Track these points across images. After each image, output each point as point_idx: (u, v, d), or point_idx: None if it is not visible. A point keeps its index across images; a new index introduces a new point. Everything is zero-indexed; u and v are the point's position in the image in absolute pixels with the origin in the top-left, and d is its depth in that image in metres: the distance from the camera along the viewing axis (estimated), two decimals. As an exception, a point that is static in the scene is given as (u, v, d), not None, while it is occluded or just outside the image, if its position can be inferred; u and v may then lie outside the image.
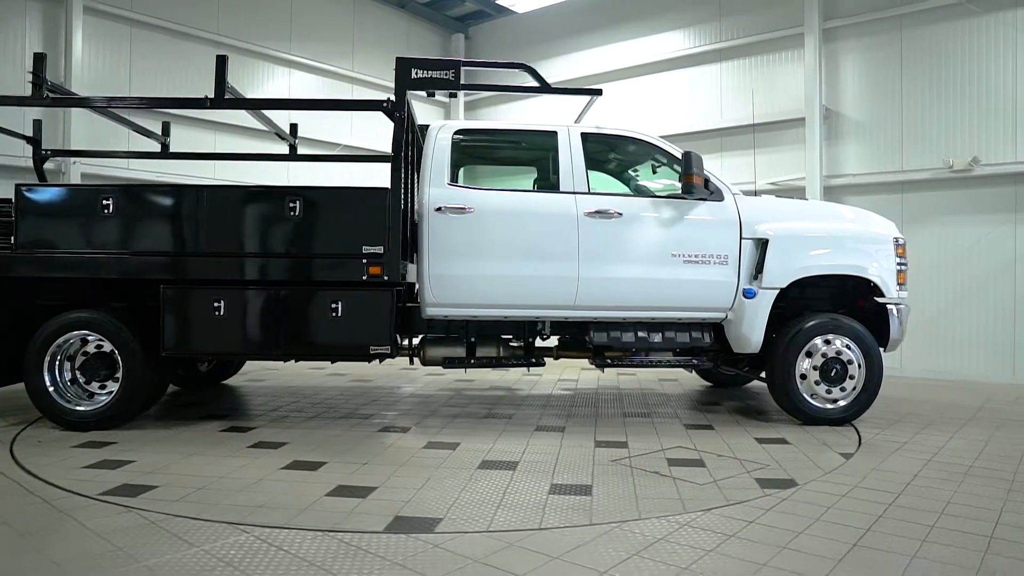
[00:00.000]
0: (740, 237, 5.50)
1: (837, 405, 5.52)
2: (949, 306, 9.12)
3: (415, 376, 8.15)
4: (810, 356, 5.48)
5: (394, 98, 5.29)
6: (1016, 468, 4.40)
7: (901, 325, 5.61)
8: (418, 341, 5.82)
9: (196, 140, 9.67)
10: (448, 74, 5.33)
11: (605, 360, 5.68)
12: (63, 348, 5.18)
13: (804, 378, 5.49)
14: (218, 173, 9.96)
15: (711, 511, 3.55)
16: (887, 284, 5.56)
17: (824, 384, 5.49)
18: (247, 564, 2.84)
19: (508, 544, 3.08)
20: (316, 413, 5.95)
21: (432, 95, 5.70)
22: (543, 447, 4.85)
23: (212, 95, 5.39)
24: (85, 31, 9.13)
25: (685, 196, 5.45)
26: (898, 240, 5.70)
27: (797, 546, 3.08)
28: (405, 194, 5.52)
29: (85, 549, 2.99)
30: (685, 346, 5.67)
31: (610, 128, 5.86)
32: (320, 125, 11.13)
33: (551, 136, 5.73)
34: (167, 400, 6.36)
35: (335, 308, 5.14)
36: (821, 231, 5.64)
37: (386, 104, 5.29)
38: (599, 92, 5.88)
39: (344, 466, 4.33)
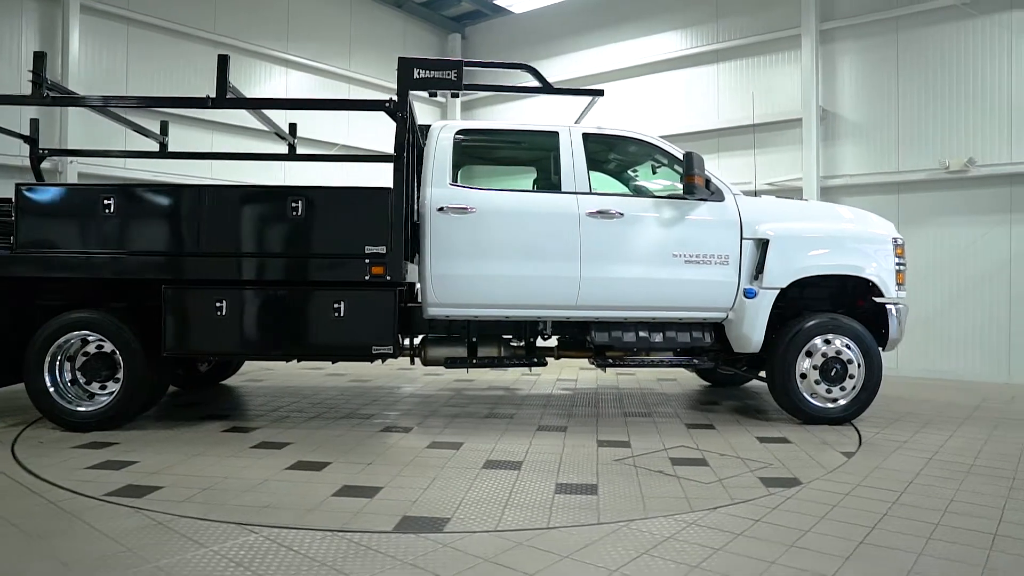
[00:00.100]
0: (741, 237, 5.53)
1: (837, 404, 5.56)
2: (945, 306, 9.19)
3: (414, 376, 8.15)
4: (810, 356, 5.51)
5: (396, 98, 5.29)
6: (1016, 466, 4.44)
7: (900, 325, 5.65)
8: (419, 341, 5.82)
9: (193, 139, 9.66)
10: (450, 74, 5.33)
11: (606, 360, 5.70)
12: (64, 348, 5.16)
13: (804, 377, 5.52)
14: (215, 173, 9.94)
15: (717, 510, 3.56)
16: (886, 284, 5.60)
17: (824, 383, 5.52)
18: (257, 564, 2.83)
19: (517, 543, 3.09)
20: (317, 413, 5.95)
21: (434, 95, 5.70)
22: (546, 447, 4.87)
23: (213, 94, 5.38)
24: (82, 30, 9.10)
25: (686, 196, 5.47)
26: (897, 240, 5.74)
27: (805, 544, 3.11)
28: (407, 194, 5.52)
29: (94, 550, 2.97)
30: (686, 346, 5.69)
31: (612, 128, 5.88)
32: (317, 125, 11.12)
33: (553, 136, 5.75)
34: (167, 400, 6.34)
35: (337, 308, 5.14)
36: (821, 231, 5.68)
37: (388, 104, 5.29)
38: (601, 93, 5.89)
39: (349, 466, 4.33)
